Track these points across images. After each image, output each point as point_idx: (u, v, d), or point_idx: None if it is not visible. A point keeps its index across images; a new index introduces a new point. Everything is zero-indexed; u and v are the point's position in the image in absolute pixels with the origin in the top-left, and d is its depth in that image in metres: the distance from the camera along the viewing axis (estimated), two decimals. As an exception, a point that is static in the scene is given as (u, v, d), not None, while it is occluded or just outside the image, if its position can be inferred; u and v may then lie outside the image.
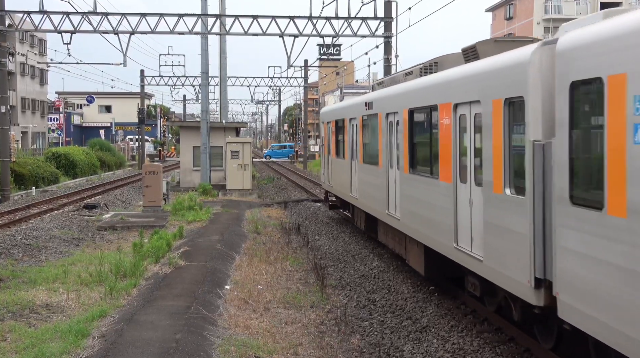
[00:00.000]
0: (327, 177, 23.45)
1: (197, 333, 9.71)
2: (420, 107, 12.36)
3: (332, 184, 22.36)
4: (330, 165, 22.69)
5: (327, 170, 23.54)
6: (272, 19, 31.89)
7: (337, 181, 21.37)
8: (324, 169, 24.33)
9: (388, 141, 14.85)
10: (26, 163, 38.11)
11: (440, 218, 11.30)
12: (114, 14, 31.41)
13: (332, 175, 22.44)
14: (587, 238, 6.81)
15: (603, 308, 6.58)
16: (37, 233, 20.13)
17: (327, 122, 23.23)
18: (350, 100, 20.73)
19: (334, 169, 22.03)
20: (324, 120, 24.22)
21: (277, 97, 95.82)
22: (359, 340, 10.29)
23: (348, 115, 19.47)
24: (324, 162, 24.35)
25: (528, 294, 8.08)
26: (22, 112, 72.47)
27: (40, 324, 10.62)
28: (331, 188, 22.82)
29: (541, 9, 68.03)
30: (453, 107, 10.52)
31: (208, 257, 15.63)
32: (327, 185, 23.67)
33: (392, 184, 14.61)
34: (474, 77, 9.83)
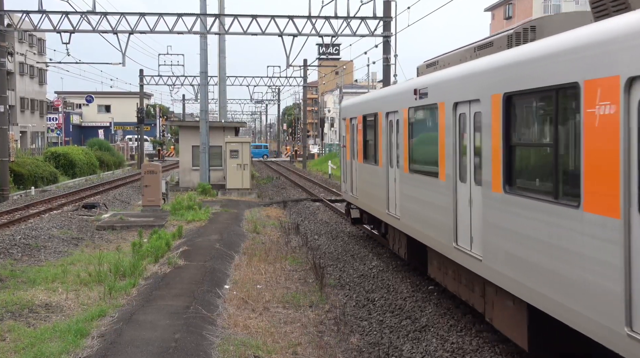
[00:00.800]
0: (350, 186, 19.02)
1: (197, 332, 9.71)
2: (533, 91, 7.81)
3: (357, 196, 18.15)
4: (356, 172, 18.37)
5: (349, 177, 19.17)
6: (271, 18, 31.89)
7: (365, 193, 17.18)
8: (345, 175, 20.01)
9: (456, 143, 10.45)
10: (25, 162, 38.11)
11: (579, 271, 6.82)
12: (113, 13, 31.43)
13: (357, 184, 18.16)
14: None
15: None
16: (36, 233, 20.13)
17: (351, 119, 18.77)
18: (387, 89, 16.16)
19: (360, 177, 17.80)
20: (345, 116, 19.87)
21: (276, 96, 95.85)
22: (358, 339, 10.29)
23: (384, 108, 14.99)
24: (346, 167, 19.96)
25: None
26: (21, 112, 72.44)
27: (39, 324, 10.62)
28: (355, 200, 18.60)
29: (540, 8, 68.05)
30: (626, 85, 6.02)
31: (207, 257, 15.63)
32: (350, 196, 19.29)
33: (464, 206, 10.12)
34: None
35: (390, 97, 14.71)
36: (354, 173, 18.68)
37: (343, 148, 20.45)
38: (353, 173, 18.75)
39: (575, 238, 6.82)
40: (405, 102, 13.18)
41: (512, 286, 8.34)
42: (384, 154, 15.04)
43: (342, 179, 20.65)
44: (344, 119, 20.13)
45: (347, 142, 19.54)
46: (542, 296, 7.51)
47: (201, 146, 34.22)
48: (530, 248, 7.80)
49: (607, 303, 6.23)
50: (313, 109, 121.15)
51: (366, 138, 17.07)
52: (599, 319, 6.37)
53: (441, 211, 10.98)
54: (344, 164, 20.39)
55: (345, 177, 20.21)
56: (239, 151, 33.43)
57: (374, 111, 15.93)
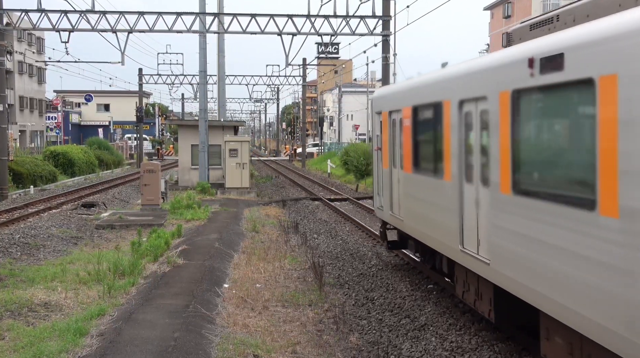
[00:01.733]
0: (389, 202, 14.68)
1: (196, 331, 9.72)
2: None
3: (402, 216, 13.59)
4: (399, 185, 13.83)
5: (388, 191, 14.83)
6: (270, 17, 31.90)
7: (417, 215, 12.61)
8: (381, 187, 15.67)
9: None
10: (24, 161, 38.09)
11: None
12: (112, 12, 31.42)
13: (402, 202, 13.62)
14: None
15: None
16: (36, 232, 20.12)
17: (390, 112, 14.31)
18: (457, 67, 10.70)
19: (408, 192, 13.15)
20: (380, 108, 15.39)
21: (275, 95, 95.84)
22: (358, 338, 10.30)
23: (456, 93, 10.22)
24: (382, 177, 15.56)
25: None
26: (20, 110, 72.41)
27: (38, 323, 10.62)
28: (398, 222, 14.04)
29: (539, 7, 68.05)
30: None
31: (206, 256, 15.63)
32: (389, 215, 14.78)
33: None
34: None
35: (467, 77, 9.86)
36: (396, 185, 14.11)
37: (377, 151, 15.86)
38: (394, 186, 14.19)
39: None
40: (504, 82, 8.44)
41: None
42: (455, 162, 10.27)
43: (376, 191, 16.30)
44: (377, 113, 15.71)
45: (384, 144, 14.96)
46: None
47: (200, 145, 34.22)
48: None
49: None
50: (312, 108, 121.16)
51: (418, 138, 12.36)
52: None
53: (567, 257, 6.96)
54: (379, 173, 15.77)
55: (380, 189, 15.72)
56: (238, 150, 33.44)
57: (435, 99, 11.13)
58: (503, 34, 73.89)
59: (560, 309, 7.14)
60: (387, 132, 14.76)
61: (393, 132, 14.28)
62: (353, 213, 25.61)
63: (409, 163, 12.94)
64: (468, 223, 9.88)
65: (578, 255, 6.78)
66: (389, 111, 14.48)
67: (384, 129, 15.00)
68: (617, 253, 6.11)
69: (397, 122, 13.83)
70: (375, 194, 16.44)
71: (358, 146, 46.86)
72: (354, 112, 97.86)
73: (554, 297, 7.23)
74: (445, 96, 10.74)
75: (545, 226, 7.43)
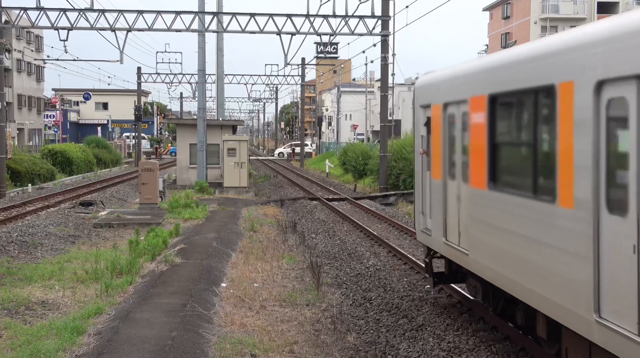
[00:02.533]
0: (444, 226, 10.98)
1: (193, 330, 9.71)
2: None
3: (468, 248, 9.90)
4: (465, 204, 10.09)
5: (441, 211, 11.08)
6: (269, 17, 31.92)
7: (499, 251, 8.82)
8: (427, 204, 12.06)
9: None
10: (22, 159, 38.07)
11: None
12: (111, 10, 31.41)
13: (470, 228, 9.83)
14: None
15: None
16: (33, 230, 20.10)
17: (446, 105, 10.88)
18: (592, 27, 6.73)
19: (480, 216, 9.48)
20: (429, 101, 11.75)
21: (274, 95, 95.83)
22: (355, 338, 10.30)
23: (583, 72, 6.67)
24: (428, 190, 11.98)
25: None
26: (19, 109, 72.32)
27: (35, 321, 10.61)
28: (462, 257, 10.22)
29: (538, 8, 68.05)
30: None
31: (204, 255, 15.62)
32: (445, 245, 10.99)
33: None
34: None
35: (617, 42, 6.09)
36: (453, 204, 10.56)
37: (423, 155, 12.28)
38: (451, 205, 10.67)
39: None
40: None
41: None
42: (583, 179, 6.74)
43: (419, 209, 12.55)
44: (423, 106, 12.18)
45: (435, 147, 11.42)
46: None
47: (199, 144, 34.21)
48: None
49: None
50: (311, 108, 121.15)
51: (501, 138, 8.85)
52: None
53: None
54: (425, 185, 12.15)
55: (426, 207, 12.11)
56: (236, 149, 33.44)
57: (540, 81, 7.54)
58: (502, 34, 73.98)
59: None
60: (439, 131, 11.05)
61: (451, 131, 10.69)
62: (351, 213, 25.62)
63: (481, 175, 9.20)
64: (613, 278, 6.31)
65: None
66: (444, 102, 10.82)
67: (435, 126, 11.30)
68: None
69: (459, 118, 10.24)
70: (418, 213, 12.51)
71: (356, 146, 46.94)
72: (353, 112, 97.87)
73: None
74: (562, 75, 7.08)
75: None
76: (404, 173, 32.90)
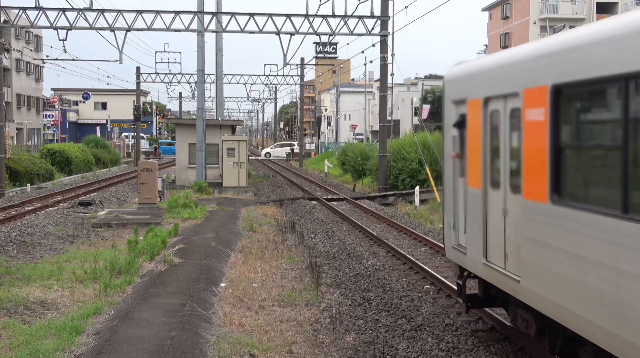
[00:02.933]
0: (484, 245, 9.28)
1: (192, 330, 9.71)
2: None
3: (521, 274, 8.09)
4: (515, 221, 8.32)
5: (481, 226, 9.34)
6: (268, 16, 31.92)
7: (571, 283, 6.92)
8: (461, 216, 10.32)
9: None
10: (21, 159, 38.05)
11: None
12: (110, 10, 31.41)
13: (524, 251, 7.97)
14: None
15: None
16: (32, 230, 20.09)
17: (488, 100, 9.18)
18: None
19: (539, 237, 7.56)
20: (464, 95, 10.04)
21: (273, 95, 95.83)
22: (354, 338, 10.30)
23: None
24: (462, 200, 10.24)
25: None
26: (18, 108, 72.28)
27: (34, 321, 10.61)
28: (512, 285, 8.42)
29: (537, 8, 68.10)
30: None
31: (203, 255, 15.62)
32: (485, 266, 9.26)
33: None
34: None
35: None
36: (497, 218, 8.82)
37: (455, 159, 10.51)
38: (495, 220, 8.92)
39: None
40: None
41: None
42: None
43: (449, 223, 10.84)
44: (456, 102, 10.38)
45: (472, 149, 9.64)
46: None
47: (198, 144, 34.20)
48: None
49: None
50: (310, 108, 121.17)
51: (574, 142, 7.12)
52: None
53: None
54: (457, 193, 10.48)
55: (459, 219, 10.39)
56: (235, 149, 33.43)
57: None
58: (501, 35, 74.01)
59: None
60: (478, 131, 9.31)
61: (494, 131, 8.96)
62: (350, 213, 25.62)
63: (540, 185, 7.42)
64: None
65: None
66: (485, 97, 9.09)
67: (472, 125, 9.58)
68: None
69: (506, 115, 8.52)
70: (448, 227, 10.80)
71: (355, 146, 46.96)
72: (352, 112, 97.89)
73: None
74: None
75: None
76: (403, 173, 32.89)
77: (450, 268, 15.74)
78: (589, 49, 6.54)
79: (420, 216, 25.47)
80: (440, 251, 17.51)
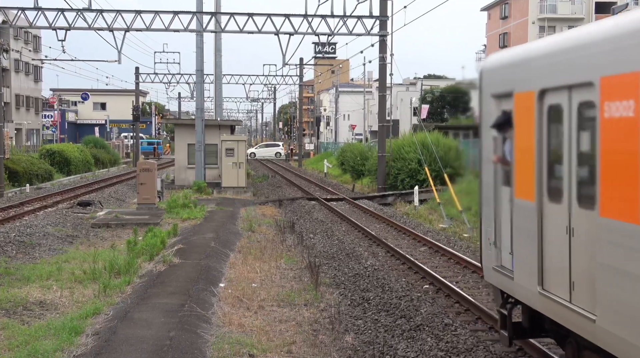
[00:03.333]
0: (540, 270, 7.49)
1: (191, 330, 9.71)
2: None
3: (599, 312, 6.29)
4: (582, 241, 6.70)
5: (536, 247, 7.53)
6: (267, 17, 31.92)
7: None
8: (508, 233, 8.48)
9: None
10: (20, 159, 38.03)
11: None
12: (109, 10, 31.41)
13: (602, 281, 6.21)
14: None
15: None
16: (31, 230, 20.08)
17: (544, 92, 7.45)
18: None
19: (626, 263, 5.88)
20: (509, 87, 8.28)
21: (272, 95, 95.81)
22: (353, 338, 10.29)
23: None
24: (512, 214, 8.29)
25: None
26: (17, 109, 72.24)
27: (33, 321, 10.60)
28: (586, 327, 6.55)
29: (536, 8, 68.13)
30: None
31: (202, 255, 15.61)
32: (542, 296, 7.44)
33: None
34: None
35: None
36: (559, 239, 7.20)
37: (498, 165, 8.79)
38: (554, 240, 7.32)
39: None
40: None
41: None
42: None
43: (488, 238, 9.03)
44: (497, 96, 8.77)
45: (522, 153, 7.98)
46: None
47: (197, 144, 34.20)
48: None
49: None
50: (309, 108, 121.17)
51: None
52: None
53: None
54: (499, 204, 8.77)
55: (502, 236, 8.68)
56: (234, 149, 33.43)
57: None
58: (500, 34, 74.03)
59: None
60: (531, 131, 7.63)
61: (555, 131, 7.36)
62: (349, 213, 25.62)
63: (630, 202, 5.87)
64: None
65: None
66: (542, 89, 7.41)
67: (522, 123, 7.92)
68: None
69: (572, 110, 6.95)
70: (487, 244, 9.03)
71: (354, 146, 46.98)
72: (351, 112, 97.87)
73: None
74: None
75: None
76: (402, 173, 32.89)
77: (450, 268, 15.75)
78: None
79: (420, 216, 25.48)
80: (439, 250, 17.51)
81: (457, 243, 19.04)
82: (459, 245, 18.68)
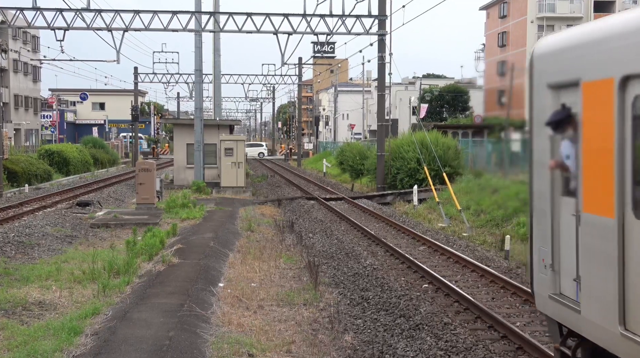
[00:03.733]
0: (621, 304, 5.83)
1: (191, 330, 9.70)
2: None
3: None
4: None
5: (615, 274, 5.89)
6: (266, 16, 31.90)
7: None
8: (574, 256, 6.75)
9: None
10: (19, 160, 38.01)
11: None
12: (108, 10, 31.39)
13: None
14: None
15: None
16: (30, 231, 20.07)
17: (625, 80, 5.77)
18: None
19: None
20: (575, 75, 6.59)
21: (271, 94, 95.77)
22: (352, 337, 10.29)
23: None
24: (578, 232, 6.63)
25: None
26: (15, 109, 72.20)
27: (32, 322, 10.59)
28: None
29: (535, 7, 68.12)
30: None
31: (201, 255, 15.61)
32: (622, 338, 5.80)
33: None
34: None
35: None
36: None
37: (556, 171, 7.18)
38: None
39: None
40: None
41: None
42: None
43: (543, 260, 7.37)
44: (553, 86, 7.19)
45: (593, 158, 6.41)
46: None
47: (196, 144, 34.19)
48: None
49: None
50: (308, 108, 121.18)
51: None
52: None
53: None
54: (557, 219, 7.16)
55: (563, 258, 7.07)
56: (233, 149, 33.42)
57: None
58: (499, 33, 74.02)
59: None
60: (608, 129, 6.08)
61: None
62: (348, 213, 25.62)
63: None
64: None
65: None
66: (624, 75, 5.85)
67: (594, 120, 6.38)
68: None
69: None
70: (540, 266, 7.47)
71: (353, 146, 46.95)
72: (350, 112, 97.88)
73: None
74: None
75: None
76: (401, 173, 32.88)
77: (449, 267, 15.76)
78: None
79: (419, 215, 25.49)
80: (439, 250, 17.50)
81: (457, 242, 19.06)
82: (458, 244, 18.70)
